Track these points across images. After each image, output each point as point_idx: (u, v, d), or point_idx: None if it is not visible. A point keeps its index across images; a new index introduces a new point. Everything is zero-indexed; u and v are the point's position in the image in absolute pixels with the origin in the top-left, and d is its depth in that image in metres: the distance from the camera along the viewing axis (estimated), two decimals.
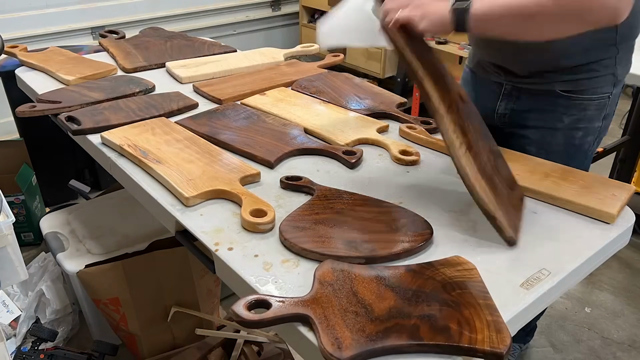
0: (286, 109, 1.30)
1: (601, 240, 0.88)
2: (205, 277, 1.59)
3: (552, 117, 1.19)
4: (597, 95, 1.16)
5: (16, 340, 1.62)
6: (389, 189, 1.01)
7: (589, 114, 1.18)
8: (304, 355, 0.72)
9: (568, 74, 1.15)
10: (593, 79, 1.15)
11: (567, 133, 1.20)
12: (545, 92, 1.18)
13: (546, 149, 1.20)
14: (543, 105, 1.19)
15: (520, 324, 0.76)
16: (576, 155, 1.22)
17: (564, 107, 1.18)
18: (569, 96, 1.17)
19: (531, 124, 1.23)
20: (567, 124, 1.19)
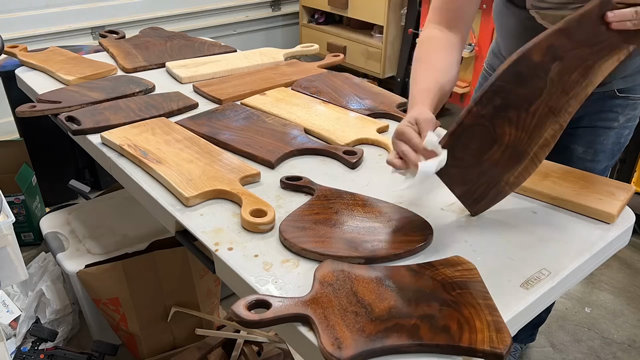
0: (286, 109, 1.30)
1: (601, 240, 0.88)
2: (205, 277, 1.59)
3: (609, 117, 1.17)
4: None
5: (16, 340, 1.62)
6: (389, 188, 1.01)
7: (637, 112, 1.18)
8: (304, 355, 0.72)
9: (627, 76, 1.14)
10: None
11: (618, 132, 1.19)
12: (603, 95, 1.16)
13: (595, 148, 1.19)
14: (600, 107, 1.17)
15: (520, 324, 0.76)
16: (618, 153, 1.22)
17: (622, 107, 1.16)
18: (626, 96, 1.15)
19: (585, 124, 1.20)
20: (621, 123, 1.18)
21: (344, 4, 3.25)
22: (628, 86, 1.15)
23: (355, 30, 3.41)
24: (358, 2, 3.18)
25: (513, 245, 0.86)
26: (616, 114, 1.17)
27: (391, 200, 0.97)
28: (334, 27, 3.51)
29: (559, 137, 0.87)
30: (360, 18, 3.24)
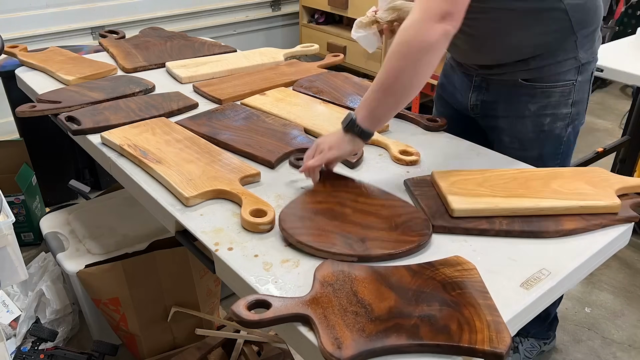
0: (286, 109, 1.30)
1: (601, 240, 0.88)
2: (205, 277, 1.59)
3: (518, 106, 1.23)
4: (560, 83, 1.19)
5: (16, 340, 1.62)
6: (389, 188, 1.01)
7: (553, 100, 1.20)
8: (304, 355, 0.72)
9: (529, 63, 1.18)
10: (553, 65, 1.17)
11: (535, 120, 1.22)
12: (510, 82, 1.21)
13: (518, 137, 1.25)
14: (509, 95, 1.23)
15: (520, 324, 0.76)
16: (548, 141, 1.25)
17: (529, 96, 1.21)
18: (532, 84, 1.19)
19: (500, 114, 1.26)
20: (534, 111, 1.22)
21: (344, 4, 3.25)
22: (533, 76, 1.19)
23: None
24: (358, 2, 3.18)
25: (513, 245, 0.86)
26: (524, 103, 1.21)
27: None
28: (334, 27, 3.51)
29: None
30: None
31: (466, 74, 1.31)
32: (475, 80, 1.28)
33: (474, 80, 1.28)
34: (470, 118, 1.34)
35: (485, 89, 1.27)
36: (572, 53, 1.17)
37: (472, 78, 1.29)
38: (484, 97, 1.28)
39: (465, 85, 1.32)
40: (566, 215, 0.90)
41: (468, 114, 1.33)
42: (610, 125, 3.47)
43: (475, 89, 1.28)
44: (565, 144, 1.27)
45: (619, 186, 0.96)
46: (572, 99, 1.21)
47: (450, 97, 1.40)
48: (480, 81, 1.27)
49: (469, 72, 1.29)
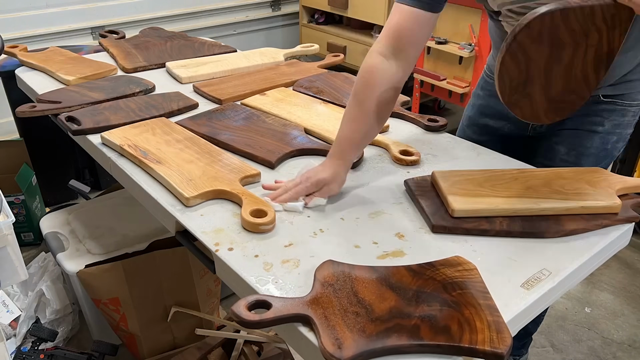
0: (286, 109, 1.30)
1: (601, 240, 0.88)
2: (205, 277, 1.59)
3: (593, 121, 1.17)
4: (636, 102, 1.15)
5: (16, 340, 1.62)
6: (389, 189, 1.01)
7: (626, 120, 1.17)
8: (304, 355, 0.72)
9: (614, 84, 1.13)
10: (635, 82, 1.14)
11: (603, 137, 1.17)
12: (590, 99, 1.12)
13: (578, 151, 1.18)
14: (585, 110, 1.15)
15: (520, 324, 0.76)
16: (605, 159, 1.20)
17: (607, 112, 1.16)
18: (613, 101, 1.15)
19: (568, 126, 1.19)
20: (607, 128, 1.16)
21: (344, 4, 3.25)
22: (615, 93, 1.14)
23: (355, 30, 3.41)
24: (358, 2, 3.18)
25: (513, 245, 0.86)
26: (601, 119, 1.16)
27: (391, 201, 0.97)
28: (334, 27, 3.51)
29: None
30: (360, 18, 3.24)
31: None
32: None
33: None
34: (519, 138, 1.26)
35: None
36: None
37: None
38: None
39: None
40: (567, 215, 0.90)
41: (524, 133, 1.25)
42: None
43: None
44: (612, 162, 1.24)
45: (619, 186, 0.96)
46: (636, 120, 1.18)
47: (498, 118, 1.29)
48: None
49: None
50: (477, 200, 0.91)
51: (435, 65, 3.01)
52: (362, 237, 0.88)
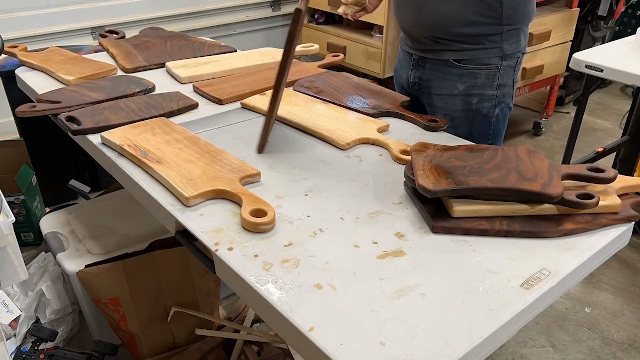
0: (286, 109, 1.30)
1: (601, 240, 0.88)
2: (205, 277, 1.59)
3: (449, 85, 1.39)
4: (485, 66, 1.36)
5: (16, 340, 1.62)
6: (389, 189, 1.01)
7: (479, 82, 1.37)
8: (304, 355, 0.72)
9: (459, 43, 1.34)
10: (479, 51, 1.34)
11: (464, 99, 1.39)
12: (442, 62, 1.39)
13: (450, 114, 1.41)
14: (441, 74, 1.40)
15: (520, 324, 0.76)
16: (476, 119, 1.41)
17: (458, 76, 1.37)
18: (461, 66, 1.36)
19: (434, 92, 1.43)
20: (462, 90, 1.38)
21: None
22: (461, 58, 1.35)
23: (355, 30, 3.41)
24: None
25: (513, 245, 0.86)
26: (454, 82, 1.38)
27: (391, 201, 0.97)
28: (334, 27, 3.51)
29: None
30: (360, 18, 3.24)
31: (408, 53, 1.47)
32: (414, 58, 1.45)
33: (412, 58, 1.45)
34: (413, 97, 1.49)
35: (422, 67, 1.44)
36: (497, 44, 1.35)
37: (411, 56, 1.46)
38: (421, 75, 1.45)
39: (407, 64, 1.49)
40: (566, 215, 0.90)
41: (409, 91, 1.50)
42: (610, 125, 3.48)
43: (414, 67, 1.46)
44: (494, 124, 1.43)
45: (619, 186, 0.96)
46: (497, 82, 1.38)
47: (399, 77, 1.57)
48: (417, 59, 1.44)
49: (409, 51, 1.46)
50: (477, 201, 0.91)
51: None
52: (361, 237, 0.88)
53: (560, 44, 3.13)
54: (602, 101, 3.78)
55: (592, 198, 0.88)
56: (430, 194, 0.87)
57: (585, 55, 2.04)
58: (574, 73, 3.35)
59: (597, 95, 3.83)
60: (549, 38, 3.00)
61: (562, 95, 3.63)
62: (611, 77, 1.99)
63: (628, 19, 3.91)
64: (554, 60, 3.14)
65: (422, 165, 0.95)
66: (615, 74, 1.94)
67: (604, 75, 1.98)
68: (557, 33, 3.05)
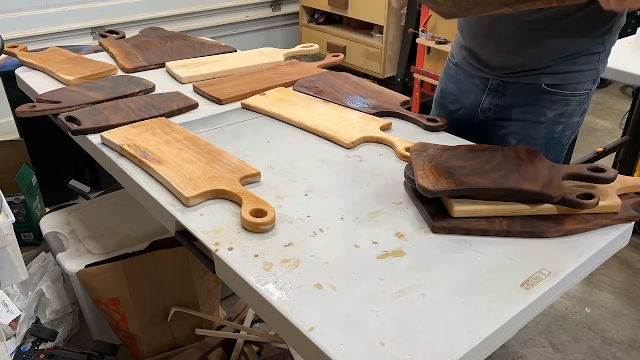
0: (287, 109, 1.30)
1: (601, 240, 0.88)
2: (205, 277, 1.60)
3: (536, 111, 1.23)
4: (579, 92, 1.21)
5: (16, 340, 1.62)
6: (389, 189, 1.01)
7: (570, 109, 1.23)
8: (304, 355, 0.72)
9: (555, 67, 1.19)
10: (577, 74, 1.19)
11: (549, 127, 1.24)
12: (531, 87, 1.22)
13: (528, 142, 1.25)
14: (528, 99, 1.23)
15: (520, 324, 0.76)
16: (555, 148, 1.27)
17: (549, 102, 1.22)
18: (554, 91, 1.21)
19: (514, 117, 1.27)
20: (550, 118, 1.23)
21: (344, 4, 3.25)
22: (556, 82, 1.20)
23: (355, 30, 3.41)
24: (358, 2, 3.18)
25: (513, 245, 0.86)
26: (544, 109, 1.22)
27: (392, 200, 0.97)
28: (334, 27, 3.51)
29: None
30: (360, 18, 3.24)
31: (480, 77, 1.30)
32: (492, 83, 1.27)
33: (490, 83, 1.28)
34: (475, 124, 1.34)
35: (502, 93, 1.27)
36: (594, 65, 1.19)
37: (487, 82, 1.28)
38: (499, 102, 1.28)
39: (477, 89, 1.31)
40: (566, 215, 0.91)
41: (474, 116, 1.33)
42: (610, 125, 3.48)
43: (490, 92, 1.28)
44: (565, 150, 1.30)
45: (619, 186, 0.96)
46: (583, 108, 1.24)
47: (454, 101, 1.38)
48: (497, 84, 1.27)
49: (485, 76, 1.29)
50: (477, 201, 0.91)
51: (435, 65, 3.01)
52: (361, 236, 0.88)
53: None
54: (602, 101, 3.78)
55: (592, 198, 0.88)
56: (430, 194, 0.87)
57: None
58: None
59: (597, 95, 3.83)
60: None
61: None
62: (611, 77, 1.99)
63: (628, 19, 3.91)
64: None
65: (422, 165, 0.95)
66: (615, 74, 1.94)
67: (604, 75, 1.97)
68: None
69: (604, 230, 0.90)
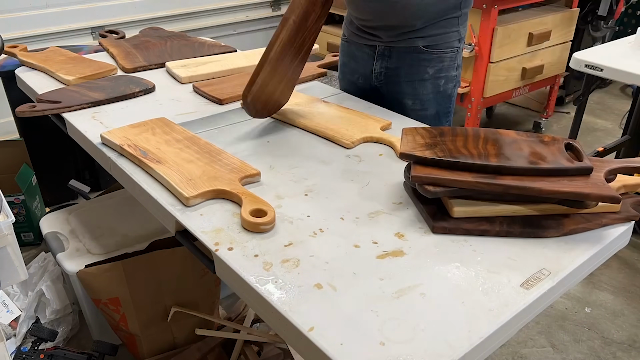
0: (287, 109, 1.30)
1: (601, 240, 0.88)
2: (205, 277, 1.59)
3: (419, 70, 1.43)
4: (449, 49, 1.43)
5: (16, 340, 1.62)
6: (389, 189, 1.01)
7: (445, 64, 1.44)
8: (304, 355, 0.72)
9: (425, 31, 1.39)
10: (444, 35, 1.41)
11: (433, 82, 1.45)
12: (411, 49, 1.42)
13: (420, 98, 1.46)
14: (410, 61, 1.43)
15: (520, 324, 0.76)
16: (442, 100, 1.48)
17: (427, 61, 1.42)
18: (429, 51, 1.41)
19: (403, 79, 1.45)
20: (432, 74, 1.43)
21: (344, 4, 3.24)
22: (430, 43, 1.40)
23: None
24: None
25: (513, 245, 0.86)
26: (425, 67, 1.43)
27: (392, 200, 0.97)
28: (334, 27, 3.51)
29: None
30: None
31: (369, 45, 1.47)
32: (379, 49, 1.45)
33: (377, 49, 1.46)
34: (371, 89, 1.51)
35: (388, 57, 1.45)
36: (455, 27, 1.42)
37: (375, 49, 1.46)
38: (388, 64, 1.46)
39: (367, 57, 1.49)
40: (566, 215, 0.90)
41: (370, 84, 1.51)
42: (610, 125, 3.47)
43: (379, 57, 1.46)
44: (452, 101, 1.52)
45: (619, 185, 0.96)
46: (456, 63, 1.46)
47: (352, 72, 1.56)
48: (383, 49, 1.45)
49: (372, 43, 1.46)
50: (477, 201, 0.91)
51: None
52: (361, 236, 0.88)
53: (560, 44, 3.13)
54: (602, 101, 3.78)
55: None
56: (430, 194, 0.87)
57: (585, 55, 2.04)
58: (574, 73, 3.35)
59: (597, 95, 3.83)
60: (549, 38, 3.00)
61: (562, 95, 3.63)
62: (611, 77, 1.99)
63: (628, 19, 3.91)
64: (554, 60, 3.14)
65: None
66: (615, 74, 1.94)
67: (604, 75, 1.98)
68: (557, 33, 3.05)
69: (604, 230, 0.90)
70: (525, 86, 3.10)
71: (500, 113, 3.64)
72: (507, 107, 3.70)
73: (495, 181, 0.86)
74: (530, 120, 3.47)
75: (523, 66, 2.96)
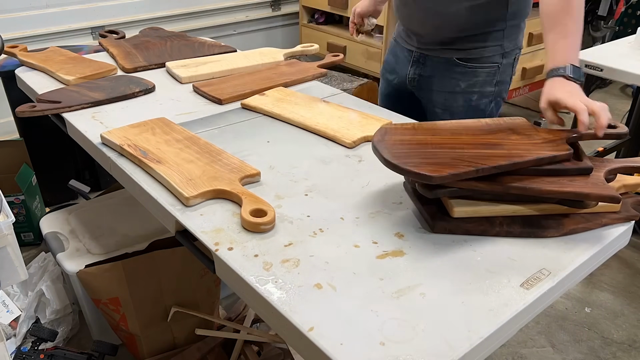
0: (288, 109, 1.30)
1: (601, 240, 0.88)
2: (205, 277, 1.59)
3: (451, 83, 1.43)
4: (488, 64, 1.40)
5: (16, 340, 1.62)
6: (389, 188, 1.01)
7: (480, 79, 1.42)
8: (304, 355, 0.72)
9: (463, 42, 1.38)
10: (482, 49, 1.38)
11: (465, 96, 1.44)
12: (444, 60, 1.42)
13: (450, 110, 1.46)
14: (443, 72, 1.43)
15: (520, 324, 0.76)
16: (474, 115, 1.44)
17: (460, 74, 1.41)
18: (464, 64, 1.40)
19: (435, 88, 1.46)
20: (464, 88, 1.43)
21: (344, 4, 3.25)
22: (465, 57, 1.40)
23: None
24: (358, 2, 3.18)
25: (513, 245, 0.86)
26: (457, 80, 1.42)
27: (392, 200, 0.97)
28: (334, 27, 3.51)
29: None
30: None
31: (407, 49, 1.50)
32: (415, 55, 1.47)
33: (413, 54, 1.48)
34: (408, 93, 1.54)
35: (423, 64, 1.47)
36: (498, 41, 1.38)
37: (412, 53, 1.48)
38: (421, 72, 1.48)
39: (406, 60, 1.51)
40: (566, 214, 0.90)
41: (405, 87, 1.53)
42: None
43: (414, 63, 1.48)
44: (489, 116, 1.48)
45: (619, 185, 0.96)
46: (496, 80, 1.43)
47: (391, 71, 1.59)
48: (418, 56, 1.47)
49: (410, 48, 1.49)
50: (477, 201, 0.91)
51: None
52: (361, 236, 0.88)
53: None
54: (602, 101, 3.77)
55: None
56: (430, 194, 0.87)
57: (585, 55, 2.04)
58: None
59: (597, 95, 3.83)
60: None
61: None
62: (611, 77, 1.99)
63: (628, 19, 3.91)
64: None
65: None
66: (615, 74, 1.94)
67: (604, 75, 1.98)
68: None
69: (604, 229, 0.90)
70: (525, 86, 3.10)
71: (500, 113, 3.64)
72: (507, 107, 3.70)
73: (495, 181, 0.86)
74: (531, 120, 3.46)
75: (523, 66, 2.97)
